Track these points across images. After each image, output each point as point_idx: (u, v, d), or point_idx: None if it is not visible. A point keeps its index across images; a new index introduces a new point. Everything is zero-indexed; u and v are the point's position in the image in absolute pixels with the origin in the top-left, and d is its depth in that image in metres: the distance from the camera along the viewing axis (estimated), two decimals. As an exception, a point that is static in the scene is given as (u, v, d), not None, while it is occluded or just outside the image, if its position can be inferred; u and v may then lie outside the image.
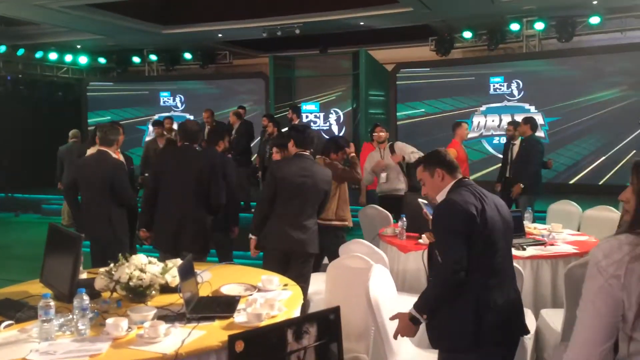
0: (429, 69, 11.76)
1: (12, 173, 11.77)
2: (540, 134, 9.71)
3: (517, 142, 7.02)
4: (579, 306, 1.58)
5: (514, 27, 10.86)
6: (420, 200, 4.53)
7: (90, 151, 5.21)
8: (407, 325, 2.48)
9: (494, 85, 11.15)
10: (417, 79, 11.82)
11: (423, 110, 11.65)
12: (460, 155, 6.68)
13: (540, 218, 5.94)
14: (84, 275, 3.12)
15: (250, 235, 4.04)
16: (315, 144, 4.97)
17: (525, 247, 4.02)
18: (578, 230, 5.07)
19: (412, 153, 6.11)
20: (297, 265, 3.91)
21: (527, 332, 2.54)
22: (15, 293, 2.92)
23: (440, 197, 2.60)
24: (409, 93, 11.81)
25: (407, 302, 2.48)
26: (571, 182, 10.38)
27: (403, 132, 11.42)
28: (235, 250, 5.86)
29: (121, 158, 5.11)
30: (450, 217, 2.42)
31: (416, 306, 2.46)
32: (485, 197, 2.49)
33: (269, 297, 2.80)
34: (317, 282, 4.19)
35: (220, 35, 11.97)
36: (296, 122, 8.61)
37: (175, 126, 9.04)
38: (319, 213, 4.13)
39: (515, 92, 10.96)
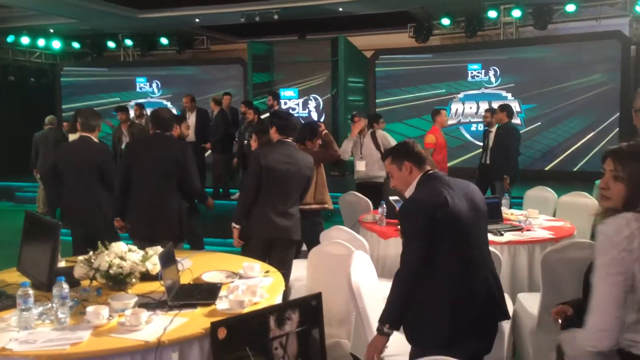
0: (407, 56, 11.79)
1: (-17, 160, 11.54)
2: (516, 121, 9.85)
3: (494, 129, 7.11)
4: (595, 277, 1.81)
5: (492, 14, 10.94)
6: (391, 198, 4.57)
7: (72, 137, 5.13)
8: (375, 339, 2.45)
9: (471, 73, 11.24)
10: (395, 66, 11.85)
11: (402, 97, 11.69)
12: (440, 142, 6.74)
13: (516, 204, 6.04)
14: (62, 264, 3.08)
15: (234, 225, 3.98)
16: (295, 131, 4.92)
17: (502, 232, 4.09)
18: (554, 216, 5.17)
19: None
20: (280, 252, 3.91)
21: (507, 317, 2.55)
22: (-8, 282, 2.88)
23: (409, 192, 2.58)
24: (388, 80, 11.84)
25: (387, 288, 2.50)
26: (547, 168, 10.56)
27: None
28: (207, 238, 5.86)
29: None
30: (413, 219, 2.42)
31: (380, 319, 2.45)
32: (452, 188, 2.46)
33: (251, 284, 2.81)
34: (298, 268, 4.20)
35: (197, 20, 11.81)
36: (276, 109, 8.56)
37: (147, 113, 8.92)
38: (301, 199, 4.14)
39: (493, 80, 11.06)
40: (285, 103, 12.15)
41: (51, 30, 12.82)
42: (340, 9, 10.69)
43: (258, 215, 3.90)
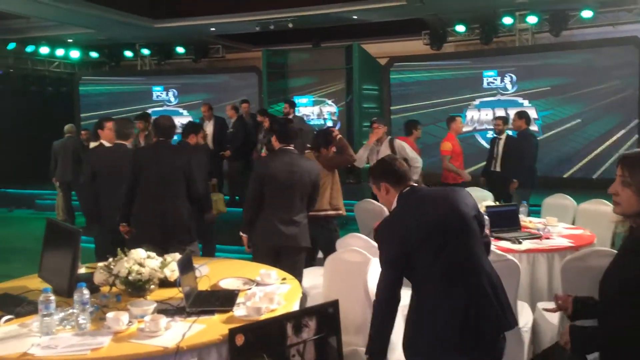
0: (422, 63, 11.77)
1: (5, 168, 11.68)
2: (533, 127, 9.77)
3: (503, 136, 7.06)
4: None
5: (507, 20, 10.90)
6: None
7: (93, 144, 5.27)
8: None
9: (487, 79, 11.19)
10: (410, 73, 11.84)
11: (417, 104, 11.66)
12: (456, 149, 6.71)
13: (535, 212, 5.98)
14: (82, 270, 3.12)
15: (241, 233, 4.08)
16: (310, 139, 4.94)
17: (521, 240, 4.05)
18: (573, 224, 5.11)
19: (405, 158, 6.02)
20: (288, 259, 3.91)
21: (512, 326, 2.41)
22: (13, 288, 2.92)
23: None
24: (403, 87, 11.83)
25: (402, 295, 2.49)
26: (565, 175, 10.45)
27: (397, 127, 11.43)
28: (222, 245, 5.92)
29: None
30: (383, 246, 2.43)
31: (366, 349, 2.46)
32: (430, 202, 2.43)
33: (268, 291, 2.82)
34: (314, 276, 4.21)
35: (212, 29, 11.92)
36: (291, 116, 8.60)
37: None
38: (310, 206, 4.14)
39: (509, 86, 11.00)
40: (300, 111, 12.20)
41: (70, 40, 13.01)
42: (355, 17, 10.72)
43: (263, 224, 3.95)
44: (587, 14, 10.25)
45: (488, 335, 2.33)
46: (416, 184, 2.59)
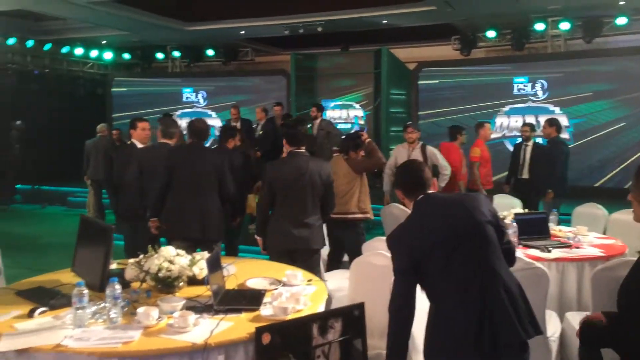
0: (451, 68, 11.69)
1: (39, 166, 11.96)
2: (564, 135, 9.62)
3: (530, 143, 6.99)
4: None
5: (539, 27, 10.74)
6: None
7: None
8: None
9: (517, 86, 11.05)
10: (439, 78, 11.76)
11: (445, 109, 11.59)
12: (485, 155, 6.68)
13: (565, 221, 5.89)
14: (113, 266, 3.19)
15: (256, 236, 4.21)
16: (338, 142, 4.95)
17: (550, 249, 4.00)
18: (604, 234, 5.02)
19: (435, 165, 6.03)
20: (302, 261, 3.93)
21: (530, 334, 2.32)
22: (47, 281, 3.01)
23: None
24: (431, 92, 11.77)
25: (423, 300, 2.49)
26: (596, 184, 10.25)
27: (425, 132, 11.36)
28: (245, 245, 6.04)
29: None
30: (393, 254, 2.46)
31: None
32: (444, 208, 2.43)
33: (294, 292, 2.84)
34: (340, 278, 4.23)
35: (242, 32, 12.04)
36: (319, 120, 8.64)
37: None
38: (327, 207, 4.17)
39: (540, 93, 10.85)
40: (328, 114, 12.22)
41: (103, 42, 13.31)
42: (384, 21, 10.71)
43: (275, 227, 4.04)
44: (621, 20, 10.06)
45: (504, 341, 2.27)
46: (433, 191, 2.56)
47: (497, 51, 12.00)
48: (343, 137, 6.12)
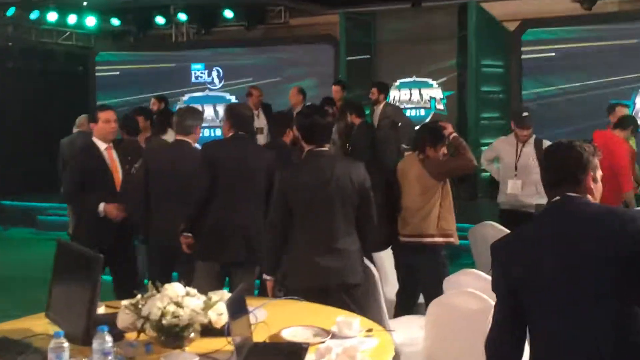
0: (568, 28, 11.51)
1: (-1, 175, 12.14)
2: None
3: None
4: None
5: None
6: None
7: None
8: None
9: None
10: (551, 43, 11.59)
11: (560, 86, 11.41)
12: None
13: None
14: (101, 309, 3.27)
15: (265, 276, 4.15)
16: (408, 135, 4.93)
17: None
18: None
19: None
20: (335, 302, 3.80)
21: None
22: (15, 331, 3.09)
23: None
24: (540, 62, 11.59)
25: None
26: None
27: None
28: None
29: None
30: (492, 271, 2.56)
31: None
32: (589, 221, 2.42)
33: (348, 346, 2.85)
34: (411, 327, 4.21)
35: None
36: (382, 105, 8.65)
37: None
38: (367, 225, 4.09)
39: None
40: (394, 97, 12.20)
41: (85, 3, 13.39)
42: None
43: (296, 259, 3.99)
44: None
45: None
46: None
47: (632, 2, 11.71)
48: (417, 128, 6.11)
